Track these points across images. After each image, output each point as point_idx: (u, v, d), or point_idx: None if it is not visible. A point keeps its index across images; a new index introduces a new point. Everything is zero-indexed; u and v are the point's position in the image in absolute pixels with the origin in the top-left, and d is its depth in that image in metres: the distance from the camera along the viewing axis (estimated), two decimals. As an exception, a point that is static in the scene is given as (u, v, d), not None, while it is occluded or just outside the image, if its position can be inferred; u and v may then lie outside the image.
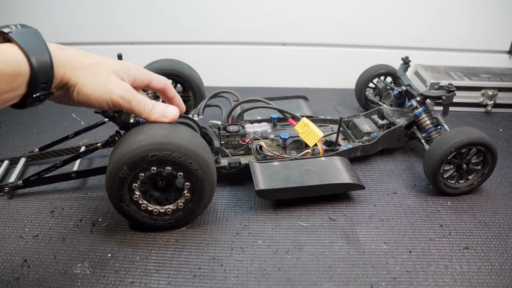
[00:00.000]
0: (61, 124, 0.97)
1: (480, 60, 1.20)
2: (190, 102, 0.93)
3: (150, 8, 1.14)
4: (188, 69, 0.91)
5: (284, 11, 1.15)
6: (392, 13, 1.15)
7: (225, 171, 0.71)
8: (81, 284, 0.52)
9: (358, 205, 0.69)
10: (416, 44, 1.19)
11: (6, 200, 0.69)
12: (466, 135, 0.66)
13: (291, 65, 1.22)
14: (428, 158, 0.69)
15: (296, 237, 0.61)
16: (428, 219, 0.66)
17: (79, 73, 0.49)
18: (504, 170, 0.80)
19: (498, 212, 0.68)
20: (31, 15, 1.15)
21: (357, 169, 0.79)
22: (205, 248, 0.59)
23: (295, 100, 0.97)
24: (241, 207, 0.68)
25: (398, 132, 0.81)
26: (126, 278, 0.54)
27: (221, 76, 1.22)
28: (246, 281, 0.54)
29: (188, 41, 1.19)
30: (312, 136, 0.73)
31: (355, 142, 0.79)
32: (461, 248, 0.60)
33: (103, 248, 0.59)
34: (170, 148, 0.54)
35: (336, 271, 0.55)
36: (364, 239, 0.61)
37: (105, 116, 0.63)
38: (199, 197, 0.59)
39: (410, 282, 0.54)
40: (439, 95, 0.77)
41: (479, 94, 1.06)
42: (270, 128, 0.83)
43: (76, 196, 0.70)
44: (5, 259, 0.56)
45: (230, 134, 0.75)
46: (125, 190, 0.56)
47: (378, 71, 0.99)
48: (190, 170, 0.56)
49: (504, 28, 1.17)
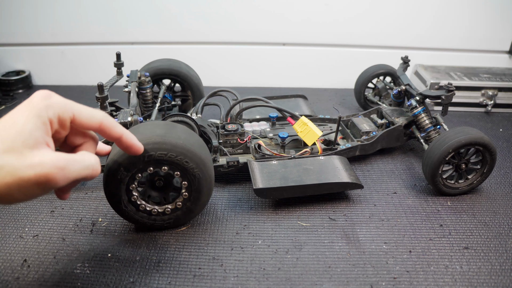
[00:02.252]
0: (61, 124, 0.97)
1: (480, 60, 1.20)
2: (188, 101, 0.93)
3: (149, 8, 1.14)
4: (186, 68, 0.91)
5: (284, 11, 1.15)
6: (392, 13, 1.15)
7: (223, 169, 0.71)
8: (81, 284, 0.52)
9: (358, 205, 0.69)
10: (416, 44, 1.19)
11: (6, 200, 0.69)
12: (464, 135, 0.66)
13: (291, 65, 1.22)
14: (426, 159, 0.69)
15: (296, 237, 0.61)
16: (428, 219, 0.66)
17: None
18: (504, 170, 0.80)
19: (498, 212, 0.68)
20: (31, 15, 1.15)
21: (357, 169, 0.79)
22: (205, 248, 0.59)
23: (294, 99, 0.97)
24: (241, 207, 0.68)
25: (397, 131, 0.81)
26: (126, 278, 0.53)
27: (221, 76, 1.22)
28: (246, 281, 0.54)
29: (188, 41, 1.19)
30: (310, 135, 0.73)
31: (354, 141, 0.79)
32: (461, 248, 0.60)
33: (103, 248, 0.58)
34: (166, 148, 0.54)
35: (336, 271, 0.55)
36: (364, 239, 0.61)
37: None
38: (197, 196, 0.59)
39: (410, 282, 0.54)
40: (438, 94, 0.77)
41: (479, 94, 1.06)
42: (268, 127, 0.83)
43: (76, 196, 0.70)
44: (5, 259, 0.56)
45: (229, 133, 0.75)
46: (122, 191, 0.56)
47: (377, 71, 0.99)
48: (187, 169, 0.56)
49: (504, 28, 1.17)
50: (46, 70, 1.21)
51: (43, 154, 0.38)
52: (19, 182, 0.37)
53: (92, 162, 0.42)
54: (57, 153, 0.39)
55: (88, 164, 0.42)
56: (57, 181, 0.38)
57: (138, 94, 0.82)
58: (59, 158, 0.39)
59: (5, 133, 0.37)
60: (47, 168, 0.37)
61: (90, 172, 0.42)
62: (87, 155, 0.43)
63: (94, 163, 0.43)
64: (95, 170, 0.43)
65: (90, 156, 0.43)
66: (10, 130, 0.38)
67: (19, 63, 1.21)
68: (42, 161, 0.37)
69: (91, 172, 0.42)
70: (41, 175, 0.37)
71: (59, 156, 0.39)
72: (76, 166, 0.40)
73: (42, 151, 0.38)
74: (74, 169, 0.40)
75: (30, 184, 0.37)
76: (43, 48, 1.19)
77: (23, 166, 0.37)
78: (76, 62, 1.21)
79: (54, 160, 0.38)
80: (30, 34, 1.17)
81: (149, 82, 0.83)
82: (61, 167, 0.38)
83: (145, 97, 0.84)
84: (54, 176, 0.38)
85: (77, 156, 0.42)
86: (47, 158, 0.38)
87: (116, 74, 0.82)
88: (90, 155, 0.43)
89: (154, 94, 0.87)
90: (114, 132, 0.46)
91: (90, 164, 0.42)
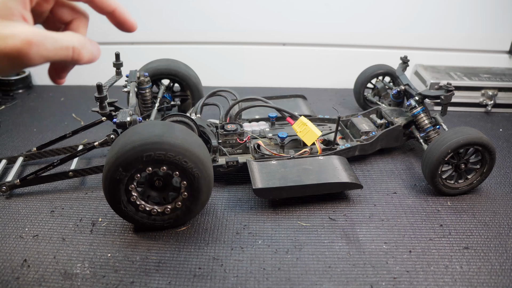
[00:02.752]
0: (61, 124, 0.97)
1: (480, 60, 1.20)
2: (188, 101, 0.93)
3: (149, 8, 1.14)
4: (185, 68, 0.91)
5: (284, 11, 1.15)
6: (392, 13, 1.15)
7: (222, 169, 0.71)
8: (81, 284, 0.52)
9: (358, 205, 0.69)
10: (416, 44, 1.19)
11: (6, 200, 0.69)
12: (463, 136, 0.66)
13: (291, 65, 1.22)
14: (426, 160, 0.69)
15: (296, 237, 0.61)
16: (428, 219, 0.66)
17: None
18: (504, 170, 0.80)
19: (498, 212, 0.68)
20: (30, 15, 1.14)
21: (357, 169, 0.79)
22: (205, 248, 0.59)
23: (294, 99, 0.97)
24: (241, 207, 0.68)
25: (396, 131, 0.81)
26: (126, 278, 0.53)
27: (221, 76, 1.22)
28: (246, 281, 0.54)
29: (188, 41, 1.19)
30: (310, 135, 0.73)
31: (353, 141, 0.79)
32: (461, 248, 0.60)
33: (103, 248, 0.58)
34: (164, 148, 0.54)
35: (336, 271, 0.55)
36: (364, 239, 0.61)
37: (102, 115, 0.62)
38: (197, 195, 0.59)
39: (410, 282, 0.54)
40: (437, 94, 0.77)
41: (479, 94, 1.06)
42: (268, 127, 0.83)
43: (76, 196, 0.70)
44: (5, 259, 0.56)
45: (228, 132, 0.75)
46: (121, 191, 0.56)
47: (376, 71, 0.99)
48: (185, 169, 0.56)
49: (504, 28, 1.17)
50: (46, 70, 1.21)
51: (16, 26, 0.34)
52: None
53: (73, 42, 0.37)
54: (32, 27, 0.35)
55: (67, 44, 0.36)
56: (30, 57, 0.34)
57: (137, 94, 0.82)
58: (34, 32, 0.34)
59: None
60: (19, 41, 0.33)
61: (70, 53, 0.37)
62: (69, 34, 0.37)
63: (76, 44, 0.37)
64: (77, 52, 0.37)
65: (73, 36, 0.37)
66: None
67: (19, 63, 1.21)
68: (14, 33, 0.33)
69: (70, 53, 0.37)
70: (12, 48, 0.33)
71: (34, 31, 0.34)
72: (53, 44, 0.35)
73: (15, 24, 0.35)
74: (50, 47, 0.35)
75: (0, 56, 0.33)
76: (43, 48, 1.19)
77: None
78: (76, 62, 1.21)
79: (27, 34, 0.34)
80: (30, 34, 1.17)
81: (148, 82, 0.83)
82: (34, 43, 0.34)
83: (144, 97, 0.84)
84: (27, 51, 0.34)
85: (57, 34, 0.36)
86: (20, 30, 0.34)
87: (115, 74, 0.82)
88: (74, 34, 0.38)
89: (153, 94, 0.87)
90: (107, 3, 0.40)
91: (70, 44, 0.37)
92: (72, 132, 0.78)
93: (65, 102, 1.10)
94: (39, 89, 1.18)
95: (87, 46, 0.39)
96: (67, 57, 0.37)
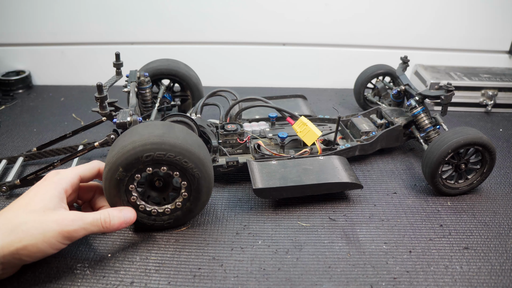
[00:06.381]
0: (61, 124, 0.97)
1: (480, 60, 1.20)
2: (188, 101, 0.93)
3: (149, 8, 1.14)
4: (185, 68, 0.91)
5: (284, 11, 1.15)
6: (392, 13, 1.15)
7: (222, 170, 0.71)
8: (81, 284, 0.52)
9: (358, 205, 0.69)
10: (416, 44, 1.19)
11: (6, 200, 0.69)
12: (463, 136, 0.66)
13: (291, 65, 1.22)
14: (426, 159, 0.69)
15: (296, 237, 0.61)
16: (428, 219, 0.66)
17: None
18: (504, 170, 0.80)
19: (498, 212, 0.68)
20: (31, 15, 1.15)
21: (357, 169, 0.79)
22: (205, 248, 0.59)
23: (294, 99, 0.97)
24: (241, 207, 0.68)
25: (396, 131, 0.81)
26: (126, 278, 0.53)
27: (221, 76, 1.22)
28: (246, 281, 0.54)
29: (187, 41, 1.19)
30: (310, 135, 0.73)
31: (353, 142, 0.79)
32: (461, 248, 0.60)
33: (103, 248, 0.58)
34: (165, 148, 0.54)
35: (336, 271, 0.55)
36: (364, 239, 0.61)
37: (102, 115, 0.62)
38: (197, 196, 0.59)
39: (410, 282, 0.54)
40: (437, 94, 0.77)
41: (479, 94, 1.06)
42: (268, 127, 0.83)
43: (75, 196, 0.70)
44: (5, 259, 0.56)
45: (228, 133, 0.75)
46: (122, 191, 0.56)
47: (376, 71, 0.99)
48: (186, 169, 0.56)
49: (504, 28, 1.17)
50: (46, 70, 1.21)
51: (62, 212, 0.51)
52: (44, 233, 0.48)
53: (96, 219, 0.52)
54: (72, 212, 0.52)
55: (91, 220, 0.52)
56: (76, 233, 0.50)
57: (137, 94, 0.82)
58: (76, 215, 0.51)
59: (30, 200, 0.51)
60: (66, 222, 0.49)
61: (99, 227, 0.53)
62: (95, 213, 0.53)
63: (100, 219, 0.53)
64: (105, 223, 0.53)
65: (95, 214, 0.53)
66: (35, 198, 0.51)
67: (19, 63, 1.21)
68: (63, 217, 0.50)
69: (100, 227, 0.53)
70: (62, 227, 0.49)
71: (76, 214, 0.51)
72: (82, 222, 0.51)
73: (61, 211, 0.51)
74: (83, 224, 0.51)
75: (55, 234, 0.48)
76: (43, 48, 1.19)
77: (47, 220, 0.49)
78: (76, 62, 1.21)
79: (71, 217, 0.50)
80: (30, 34, 1.17)
81: (149, 82, 0.83)
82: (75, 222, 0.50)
83: (144, 97, 0.84)
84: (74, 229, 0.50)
85: (86, 214, 0.52)
86: (65, 215, 0.50)
87: (115, 74, 0.82)
88: (97, 213, 0.53)
89: (154, 94, 0.87)
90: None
91: (95, 220, 0.52)
92: (72, 132, 0.77)
93: (65, 102, 1.10)
94: (39, 89, 1.18)
95: (114, 215, 0.54)
96: (98, 230, 0.53)
